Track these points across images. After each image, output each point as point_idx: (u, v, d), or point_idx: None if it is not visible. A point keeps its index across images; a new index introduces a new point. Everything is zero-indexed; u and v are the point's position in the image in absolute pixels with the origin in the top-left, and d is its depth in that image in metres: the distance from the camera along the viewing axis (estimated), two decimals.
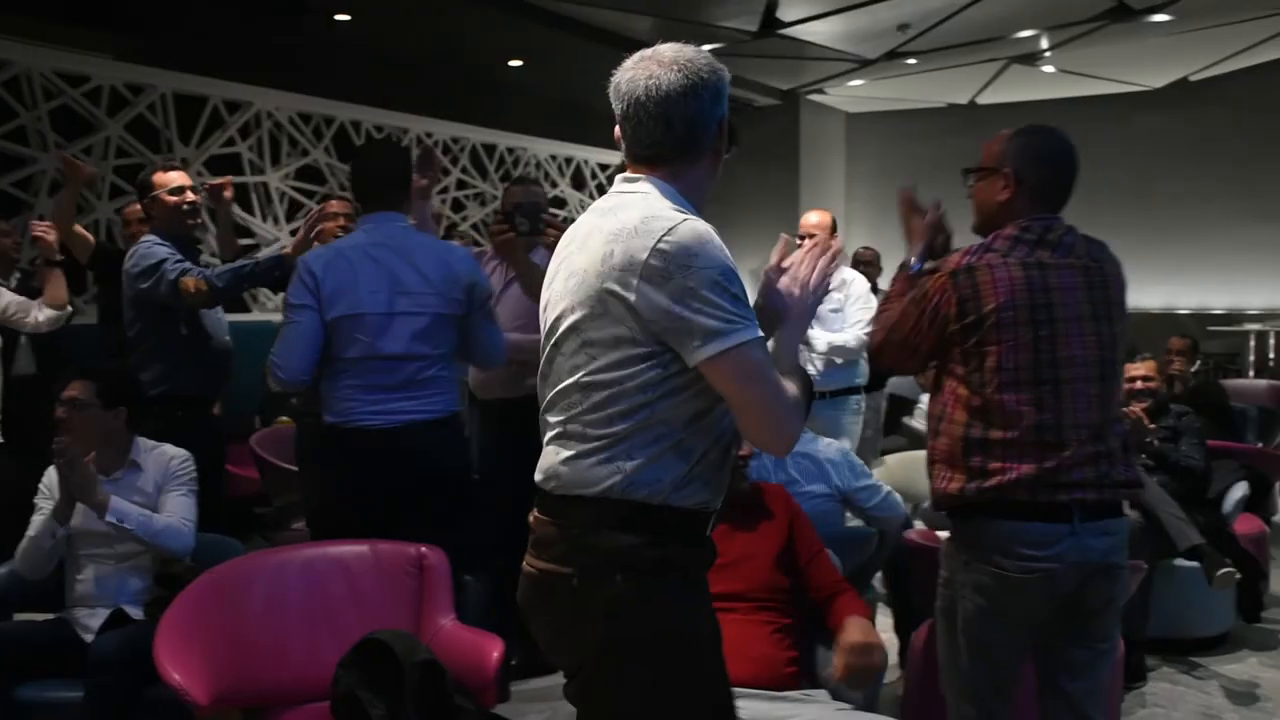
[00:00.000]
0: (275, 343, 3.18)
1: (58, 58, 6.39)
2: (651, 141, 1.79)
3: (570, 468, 1.74)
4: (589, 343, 1.72)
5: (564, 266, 1.81)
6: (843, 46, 9.05)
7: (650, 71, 1.77)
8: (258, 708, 2.81)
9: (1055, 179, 2.39)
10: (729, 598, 2.56)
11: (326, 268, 3.17)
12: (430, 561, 3.00)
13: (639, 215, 1.71)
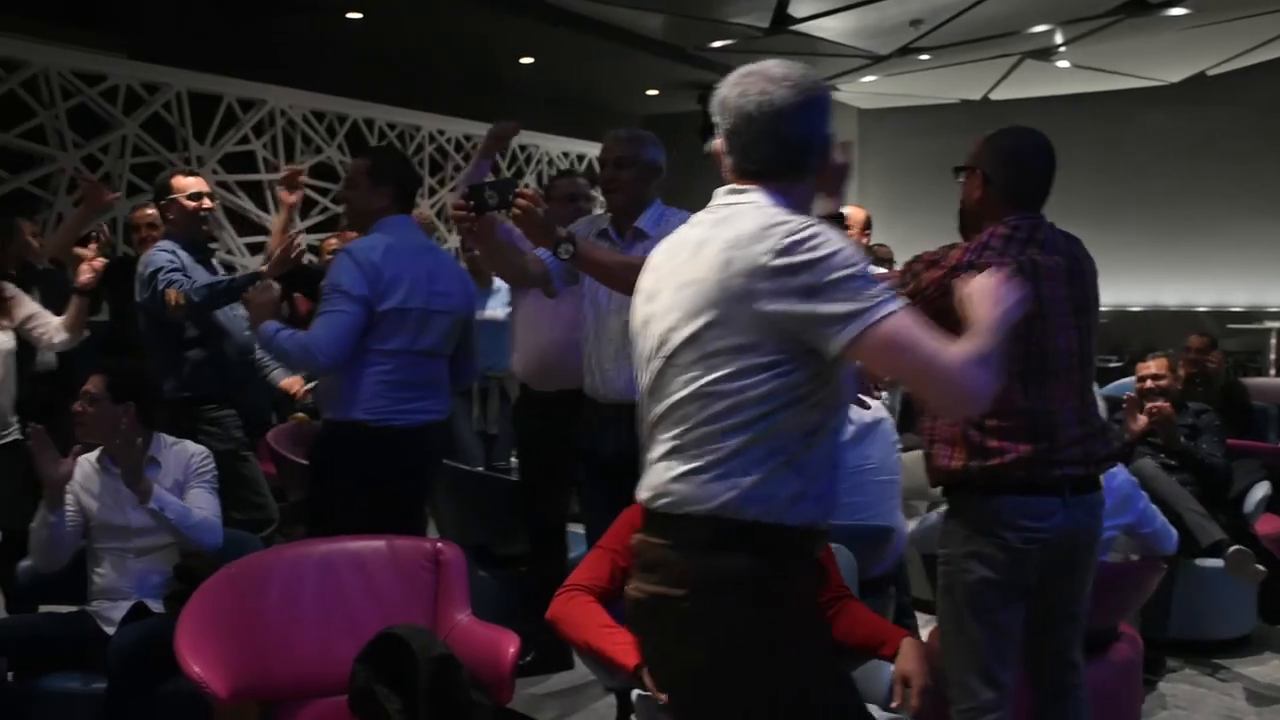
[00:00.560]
0: (315, 328, 3.18)
1: (75, 57, 6.43)
2: (761, 157, 1.80)
3: (683, 484, 1.72)
4: (710, 353, 1.71)
5: (672, 278, 1.81)
6: (855, 42, 9.04)
7: (761, 87, 1.78)
8: (275, 701, 2.84)
9: (1022, 178, 2.53)
10: None
11: (385, 258, 3.23)
12: (446, 557, 3.01)
13: (757, 222, 1.71)
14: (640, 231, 3.23)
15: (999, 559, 2.41)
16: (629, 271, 2.97)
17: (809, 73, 1.82)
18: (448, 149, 8.86)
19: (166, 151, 6.82)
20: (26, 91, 6.12)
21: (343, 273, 3.22)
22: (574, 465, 3.53)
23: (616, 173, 3.25)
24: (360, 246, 3.28)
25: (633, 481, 2.82)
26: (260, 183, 7.52)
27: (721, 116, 1.82)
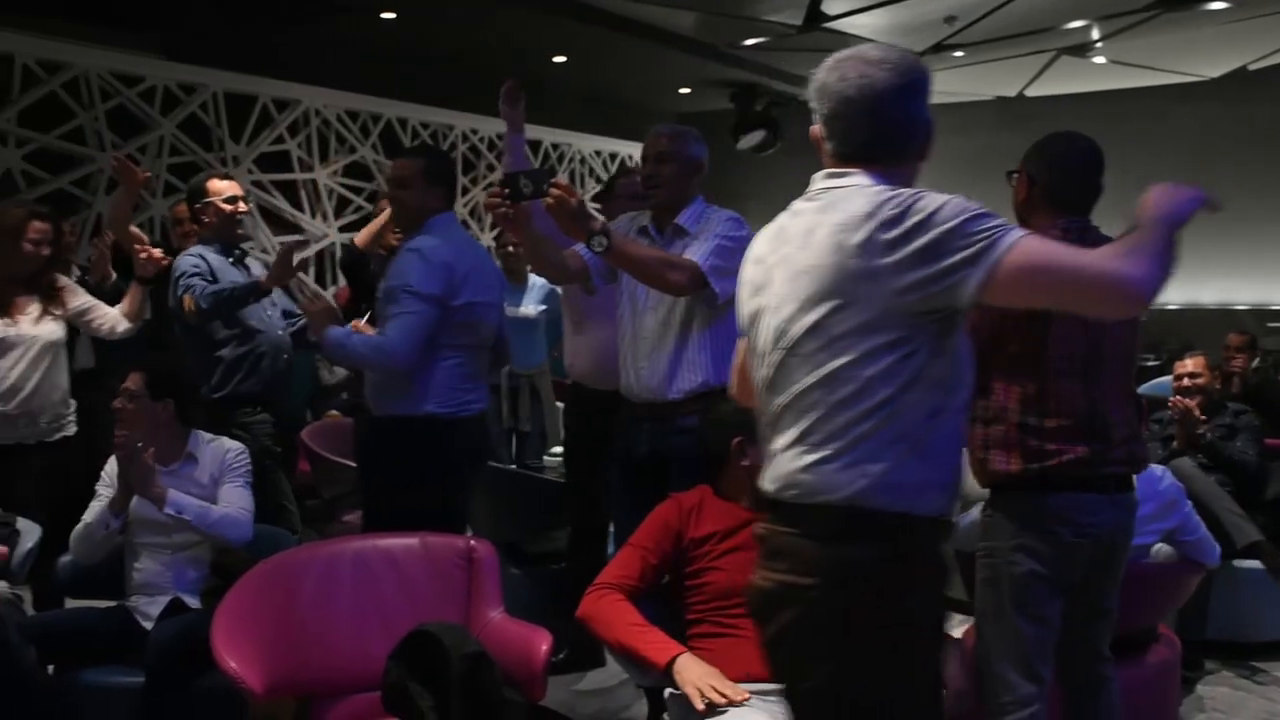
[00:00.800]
0: (390, 330, 3.20)
1: (113, 59, 6.51)
2: (861, 141, 1.80)
3: (813, 474, 1.72)
4: (834, 339, 1.70)
5: (782, 268, 1.80)
6: (888, 40, 8.97)
7: (861, 71, 1.78)
8: (310, 696, 2.86)
9: (1065, 182, 2.59)
10: None
11: (457, 255, 3.28)
12: (479, 554, 3.03)
13: (864, 200, 1.71)
14: (681, 228, 3.19)
15: (1048, 553, 2.45)
16: (664, 267, 2.98)
17: (907, 55, 1.83)
18: (480, 148, 8.89)
19: (203, 151, 6.89)
20: (67, 93, 6.20)
21: (413, 272, 3.23)
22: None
23: (657, 168, 3.21)
24: (429, 246, 3.28)
25: (664, 480, 2.83)
26: (295, 182, 7.58)
27: (819, 102, 1.83)
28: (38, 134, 6.05)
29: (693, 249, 3.07)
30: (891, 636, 1.72)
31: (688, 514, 2.69)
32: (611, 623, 2.50)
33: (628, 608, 2.53)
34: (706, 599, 2.61)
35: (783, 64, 9.93)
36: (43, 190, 6.02)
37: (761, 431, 1.86)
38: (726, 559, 2.61)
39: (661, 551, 2.66)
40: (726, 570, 2.59)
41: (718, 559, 2.62)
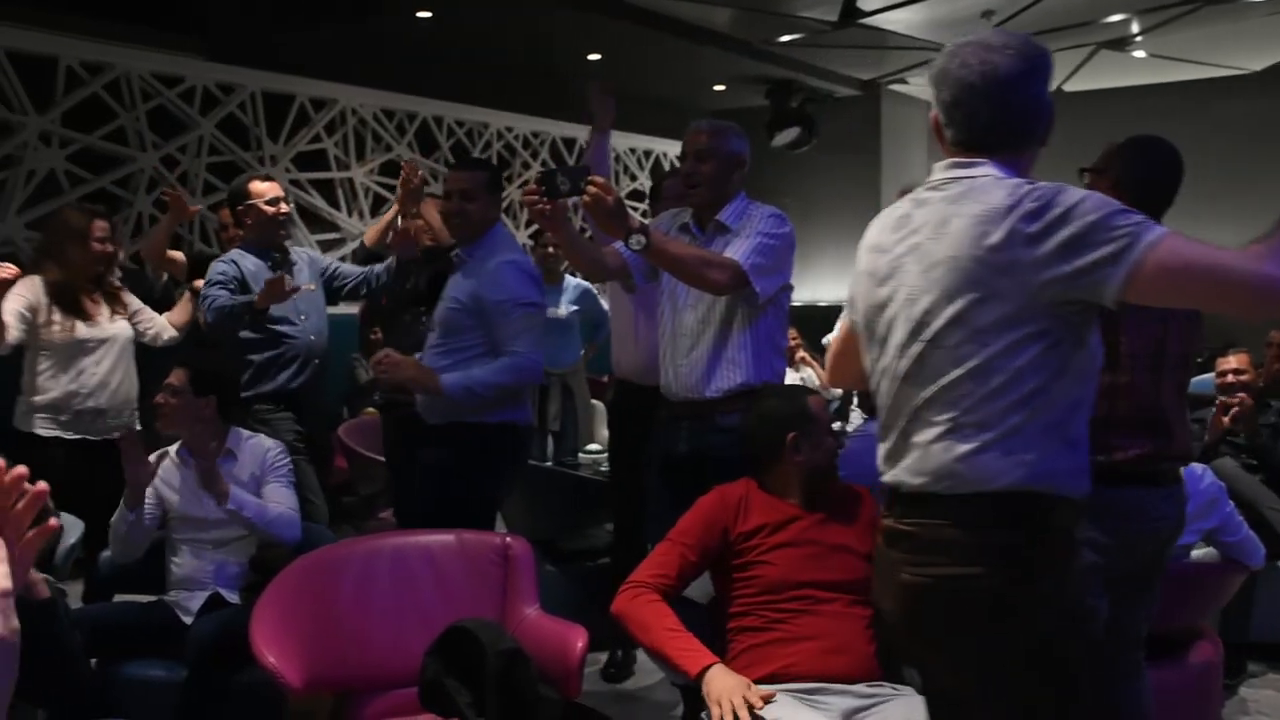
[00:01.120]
0: (518, 345, 3.33)
1: (154, 60, 6.57)
2: (985, 127, 1.80)
3: (968, 464, 1.72)
4: (980, 330, 1.71)
5: (914, 258, 1.79)
6: (925, 35, 8.91)
7: (983, 57, 1.78)
8: (347, 691, 2.88)
9: (1155, 192, 2.57)
10: (827, 587, 2.57)
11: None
12: (515, 551, 3.04)
13: (1004, 192, 1.71)
14: (722, 225, 3.14)
15: (1110, 545, 2.42)
16: (704, 266, 2.96)
17: (1028, 39, 1.81)
18: (515, 145, 8.91)
19: (241, 151, 6.95)
20: (109, 94, 6.27)
21: (520, 284, 3.36)
22: None
23: (698, 165, 3.15)
24: (520, 258, 3.48)
25: (702, 479, 2.81)
26: (331, 180, 7.63)
27: (940, 89, 1.82)
28: (80, 134, 6.12)
29: (734, 247, 3.03)
30: (1063, 620, 1.74)
31: (734, 507, 2.67)
32: (647, 625, 2.49)
33: (663, 610, 2.50)
34: (755, 592, 2.59)
35: (818, 60, 9.88)
36: (85, 190, 6.09)
37: (890, 423, 1.83)
38: (776, 554, 2.60)
39: (703, 547, 2.64)
40: (777, 565, 2.58)
41: (767, 553, 2.60)
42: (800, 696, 2.43)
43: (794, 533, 2.62)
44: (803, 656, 2.49)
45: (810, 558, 2.58)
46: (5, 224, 5.72)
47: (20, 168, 5.80)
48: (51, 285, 3.94)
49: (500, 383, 3.34)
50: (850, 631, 2.55)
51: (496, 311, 3.34)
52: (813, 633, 2.52)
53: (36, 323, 3.91)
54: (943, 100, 1.82)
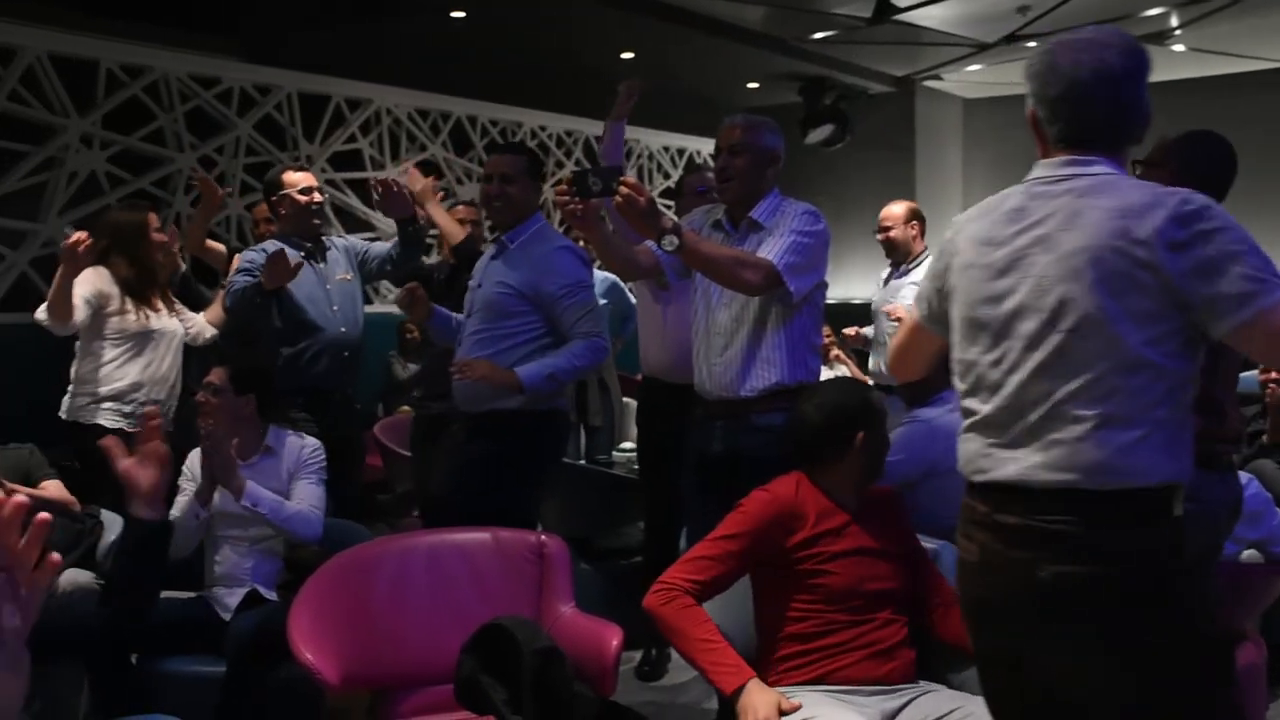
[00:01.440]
0: (587, 326, 3.39)
1: (192, 62, 6.63)
2: (1095, 124, 1.81)
3: (1124, 460, 1.71)
4: (1127, 322, 1.71)
5: (1044, 249, 1.78)
6: (959, 31, 8.85)
7: (1094, 53, 1.79)
8: (384, 688, 2.90)
9: (1212, 187, 2.51)
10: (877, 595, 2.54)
11: None
12: (550, 549, 3.04)
13: (1144, 193, 1.73)
14: (755, 223, 3.11)
15: None
16: (738, 266, 2.94)
17: (1130, 36, 1.83)
18: (549, 144, 8.92)
19: (277, 151, 7.00)
20: (148, 96, 6.34)
21: (576, 269, 3.43)
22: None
23: (731, 160, 3.12)
24: (571, 244, 3.52)
25: (736, 479, 2.80)
26: (367, 180, 7.67)
27: (1045, 84, 1.83)
28: (120, 136, 6.19)
29: (767, 245, 3.01)
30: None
31: (789, 513, 2.55)
32: (684, 633, 2.43)
33: (700, 617, 2.43)
34: (814, 600, 2.51)
35: (852, 57, 9.83)
36: (125, 191, 6.16)
37: (1011, 418, 1.80)
38: (836, 563, 2.52)
39: (747, 554, 2.54)
40: (838, 574, 2.51)
41: (828, 562, 2.52)
42: (835, 695, 2.42)
43: (850, 539, 2.56)
44: (851, 663, 2.47)
45: (863, 564, 2.54)
46: (48, 225, 5.79)
47: (62, 169, 5.87)
48: (122, 278, 4.01)
49: (580, 366, 3.39)
50: (894, 638, 2.53)
51: (561, 297, 3.37)
52: (863, 641, 2.49)
53: (105, 311, 3.98)
54: (1048, 96, 1.82)
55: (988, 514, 1.82)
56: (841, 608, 2.50)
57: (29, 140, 5.79)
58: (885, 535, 2.62)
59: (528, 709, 2.57)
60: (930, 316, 2.03)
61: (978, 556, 1.85)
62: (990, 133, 11.89)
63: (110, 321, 3.97)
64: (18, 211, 5.74)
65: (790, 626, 2.53)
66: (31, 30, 5.78)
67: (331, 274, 4.04)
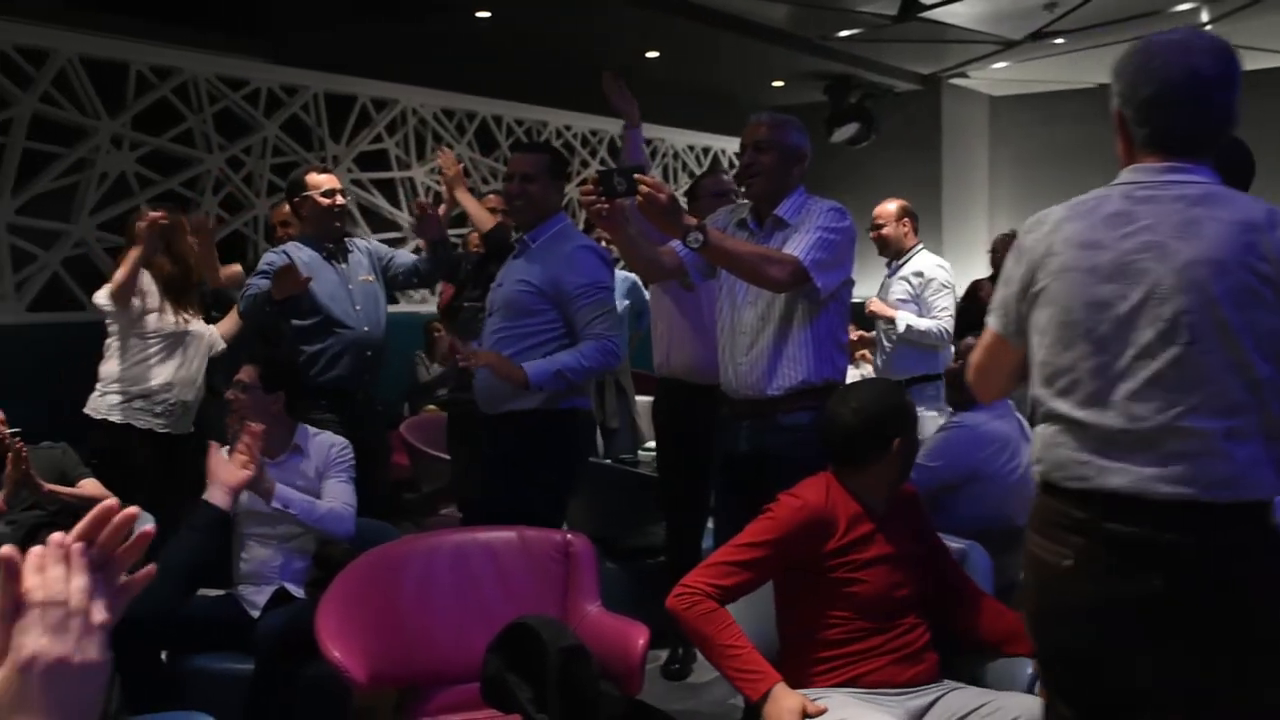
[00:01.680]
0: (599, 328, 3.38)
1: (220, 63, 6.68)
2: (1185, 130, 1.79)
3: (1244, 474, 1.71)
4: (1256, 338, 1.71)
5: (1156, 257, 1.76)
6: (986, 28, 8.80)
7: (1188, 57, 1.78)
8: (410, 686, 2.91)
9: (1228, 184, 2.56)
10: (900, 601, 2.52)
11: None
12: (576, 548, 3.04)
13: (1255, 206, 1.75)
14: (780, 220, 3.09)
15: None
16: (763, 262, 2.93)
17: (1223, 41, 1.81)
18: (574, 144, 8.94)
19: (304, 151, 7.04)
20: (176, 97, 6.39)
21: (597, 269, 3.45)
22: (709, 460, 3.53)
23: (756, 157, 3.10)
24: (594, 245, 3.52)
25: (762, 478, 2.79)
26: (392, 180, 7.71)
27: (1137, 85, 1.81)
28: (150, 137, 6.24)
29: (793, 242, 2.99)
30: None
31: (820, 523, 2.50)
32: (708, 638, 2.39)
33: (723, 620, 2.40)
34: (846, 607, 2.49)
35: (877, 55, 9.79)
36: (155, 191, 6.21)
37: (1125, 427, 1.78)
38: (868, 571, 2.49)
39: (773, 563, 2.50)
40: (870, 582, 2.48)
41: (860, 570, 2.49)
42: (862, 695, 2.42)
43: (878, 545, 2.53)
44: (877, 668, 2.47)
45: (890, 571, 2.52)
46: (79, 225, 5.85)
47: (93, 170, 5.93)
48: (165, 275, 4.06)
49: (590, 366, 3.38)
50: (919, 641, 2.52)
51: (579, 296, 3.38)
52: (890, 646, 2.48)
53: (145, 309, 4.04)
54: (1139, 97, 1.80)
55: (1087, 521, 1.79)
56: (870, 615, 2.48)
57: (61, 142, 5.85)
58: (909, 538, 2.60)
59: (553, 708, 2.57)
60: (1009, 328, 1.97)
61: (1072, 561, 1.82)
62: (1017, 130, 11.82)
63: (148, 320, 4.03)
64: (50, 212, 5.80)
65: (818, 633, 2.50)
66: (63, 33, 5.85)
67: (354, 275, 4.05)
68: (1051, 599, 1.89)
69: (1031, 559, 1.91)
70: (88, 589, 0.91)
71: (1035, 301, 1.90)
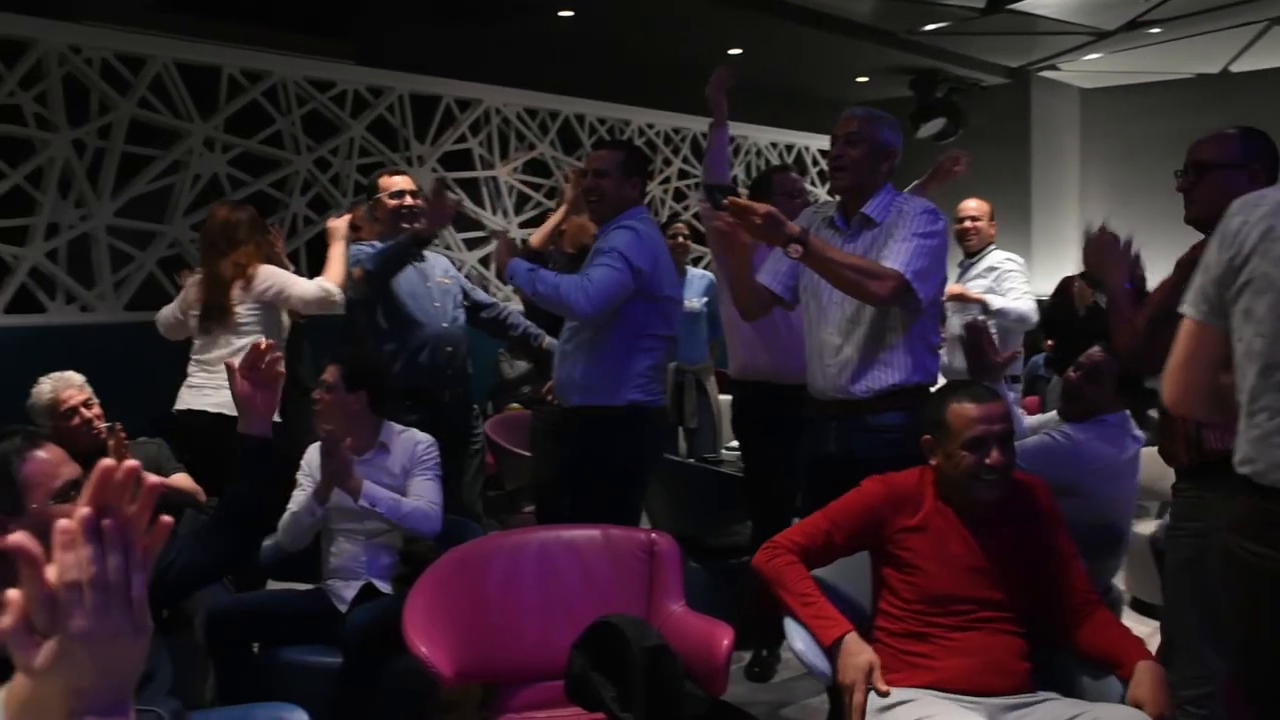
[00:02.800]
0: (589, 273, 3.36)
1: (308, 66, 6.80)
2: None
3: None
4: None
5: None
6: (1078, 19, 8.59)
7: None
8: (495, 682, 2.92)
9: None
10: (988, 604, 2.47)
11: (660, 246, 3.55)
12: (660, 547, 3.03)
13: None
14: (868, 219, 3.03)
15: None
16: (865, 277, 2.87)
17: None
18: (656, 142, 8.93)
19: (389, 152, 7.13)
20: (266, 100, 6.52)
21: (626, 241, 3.39)
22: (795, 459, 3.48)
23: (845, 149, 3.04)
24: (644, 228, 3.48)
25: (853, 480, 2.75)
26: (476, 179, 7.78)
27: None
28: (240, 139, 6.38)
29: (891, 253, 2.92)
30: None
31: (899, 499, 2.55)
32: (785, 585, 2.48)
33: (800, 572, 2.49)
34: (912, 599, 2.48)
35: (964, 48, 9.63)
36: (245, 192, 6.34)
37: None
38: (936, 562, 2.47)
39: (854, 530, 2.56)
40: (936, 575, 2.47)
41: (927, 559, 2.48)
42: (949, 697, 2.36)
43: (960, 541, 2.49)
44: (956, 672, 2.41)
45: (974, 570, 2.47)
46: (173, 226, 5.99)
47: (186, 172, 6.07)
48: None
49: (563, 293, 3.35)
50: (1006, 649, 2.45)
51: (599, 252, 3.42)
52: (970, 649, 2.43)
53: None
54: None
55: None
56: (941, 613, 2.45)
57: (156, 145, 6.00)
58: (1011, 541, 2.53)
59: (637, 706, 2.56)
60: (1212, 313, 1.89)
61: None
62: (1110, 124, 11.51)
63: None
64: (146, 214, 5.96)
65: (889, 624, 2.52)
66: (159, 39, 6.00)
67: (432, 273, 4.08)
68: (1261, 604, 1.82)
69: (1244, 567, 1.83)
70: (123, 566, 0.92)
71: (1247, 289, 1.81)
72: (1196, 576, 2.52)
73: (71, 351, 4.19)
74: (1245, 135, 2.60)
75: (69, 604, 0.90)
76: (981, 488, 2.48)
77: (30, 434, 1.81)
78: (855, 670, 2.32)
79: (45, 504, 1.72)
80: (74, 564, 0.91)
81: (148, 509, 0.95)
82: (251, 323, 4.01)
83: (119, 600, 0.91)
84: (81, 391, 3.57)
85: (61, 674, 0.91)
